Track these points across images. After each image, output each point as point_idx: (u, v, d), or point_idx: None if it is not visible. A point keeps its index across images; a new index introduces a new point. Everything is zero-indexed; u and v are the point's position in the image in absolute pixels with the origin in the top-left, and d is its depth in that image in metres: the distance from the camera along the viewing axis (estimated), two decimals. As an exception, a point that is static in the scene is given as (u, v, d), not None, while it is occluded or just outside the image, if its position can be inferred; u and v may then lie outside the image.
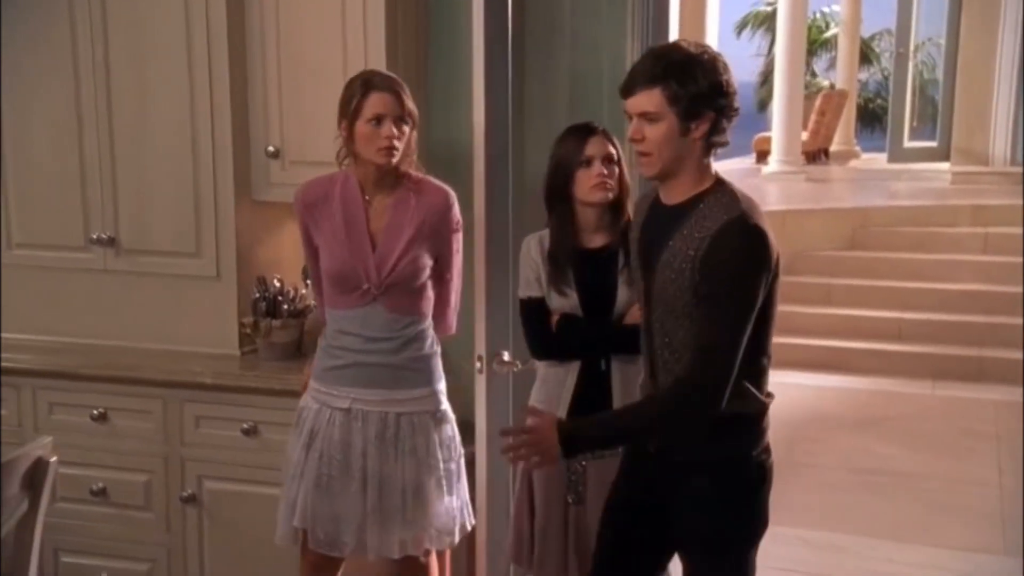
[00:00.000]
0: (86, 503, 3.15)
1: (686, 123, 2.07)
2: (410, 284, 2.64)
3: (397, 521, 2.64)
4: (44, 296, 3.34)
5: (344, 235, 2.61)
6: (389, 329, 2.63)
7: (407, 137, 2.62)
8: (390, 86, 2.61)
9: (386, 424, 2.64)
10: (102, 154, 3.20)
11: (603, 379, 2.68)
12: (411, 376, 2.67)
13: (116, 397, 3.11)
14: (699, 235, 2.08)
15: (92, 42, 3.15)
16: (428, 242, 2.65)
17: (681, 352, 2.15)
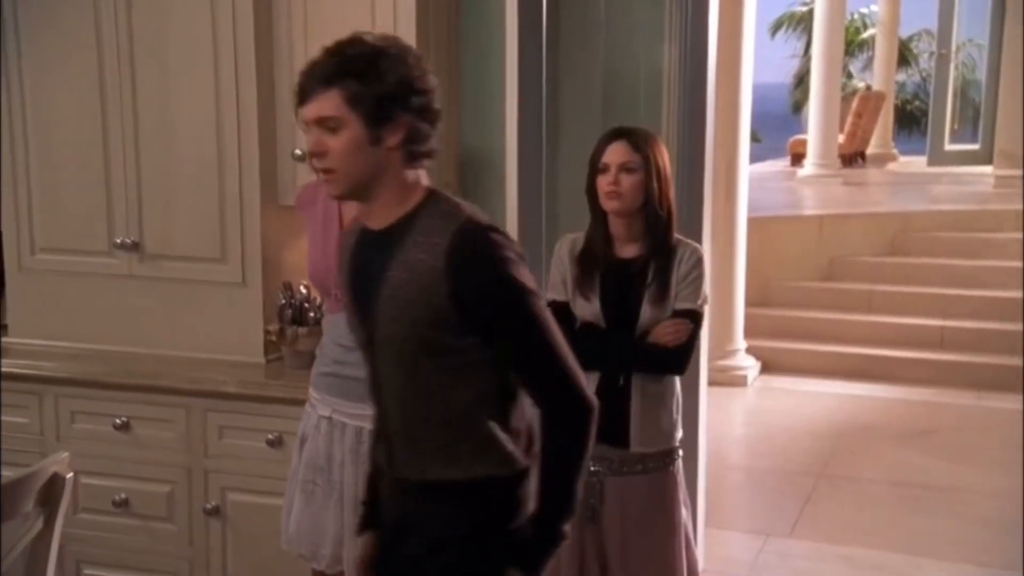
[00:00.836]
0: (108, 514, 3.09)
1: (375, 130, 1.73)
2: None
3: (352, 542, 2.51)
4: (68, 302, 3.29)
5: (321, 239, 2.57)
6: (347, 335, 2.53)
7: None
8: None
9: (360, 439, 2.51)
10: (127, 158, 3.15)
11: (621, 396, 2.58)
12: (342, 387, 2.53)
13: (139, 406, 3.04)
14: (428, 259, 1.71)
15: (118, 46, 3.10)
16: None
17: (414, 408, 1.81)
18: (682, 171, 3.39)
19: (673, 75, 3.39)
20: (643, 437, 2.59)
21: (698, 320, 2.58)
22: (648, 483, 2.62)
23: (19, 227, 3.30)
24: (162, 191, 3.14)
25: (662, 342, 2.54)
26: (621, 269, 2.58)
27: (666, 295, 2.55)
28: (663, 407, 2.61)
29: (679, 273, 2.56)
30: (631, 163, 2.54)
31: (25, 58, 3.20)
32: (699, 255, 2.60)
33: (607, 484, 2.60)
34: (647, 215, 2.55)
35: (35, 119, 3.23)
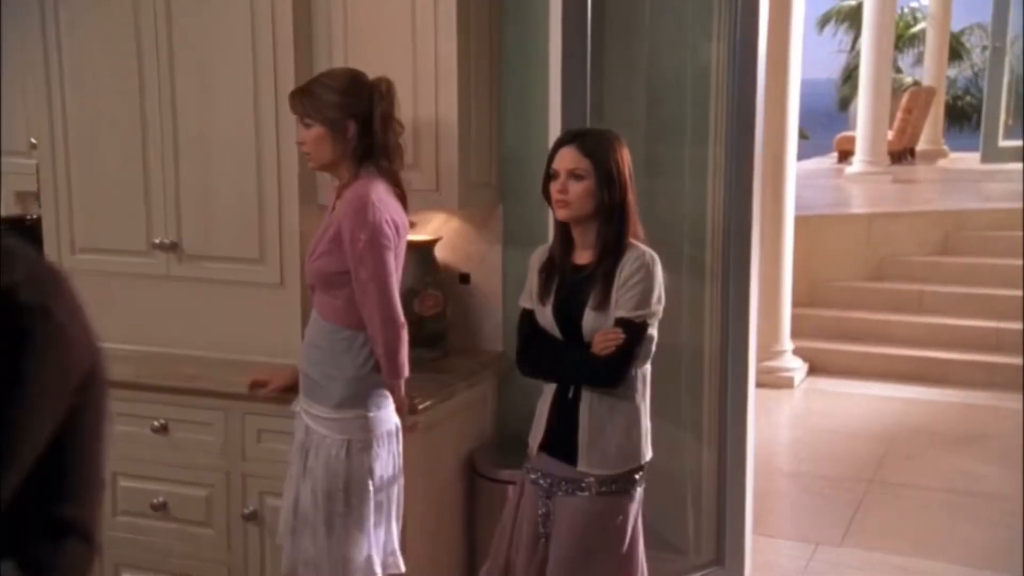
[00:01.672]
0: (147, 517, 3.06)
1: None
2: (319, 284, 2.59)
3: (292, 536, 2.62)
4: (107, 302, 3.25)
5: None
6: (315, 333, 2.60)
7: (311, 137, 2.55)
8: (295, 90, 2.61)
9: (306, 436, 2.61)
10: (166, 158, 3.13)
11: (571, 410, 2.47)
12: (317, 390, 2.59)
13: (177, 408, 3.01)
14: None
15: (157, 48, 3.09)
16: (335, 244, 2.53)
17: None
18: (730, 170, 3.31)
19: (722, 72, 3.31)
20: (590, 457, 2.45)
21: (636, 330, 2.38)
22: (592, 506, 2.46)
23: (59, 227, 3.29)
24: (200, 191, 3.11)
25: (595, 351, 2.40)
26: (575, 276, 2.47)
27: (607, 301, 2.39)
28: (613, 426, 2.45)
29: (620, 278, 2.39)
30: (579, 169, 2.40)
31: (66, 60, 3.19)
32: (644, 260, 2.40)
33: (557, 503, 2.50)
34: (601, 222, 2.42)
35: (76, 120, 3.22)
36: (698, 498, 3.65)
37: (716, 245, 3.40)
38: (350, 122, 2.53)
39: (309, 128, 2.55)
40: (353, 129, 2.53)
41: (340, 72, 2.64)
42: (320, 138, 2.54)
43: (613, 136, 2.49)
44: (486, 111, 3.14)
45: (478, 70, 3.08)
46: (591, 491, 2.45)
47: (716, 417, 3.53)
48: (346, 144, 2.54)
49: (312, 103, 2.54)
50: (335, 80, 2.57)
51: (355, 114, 2.53)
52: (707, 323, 3.52)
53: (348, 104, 2.53)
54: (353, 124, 2.53)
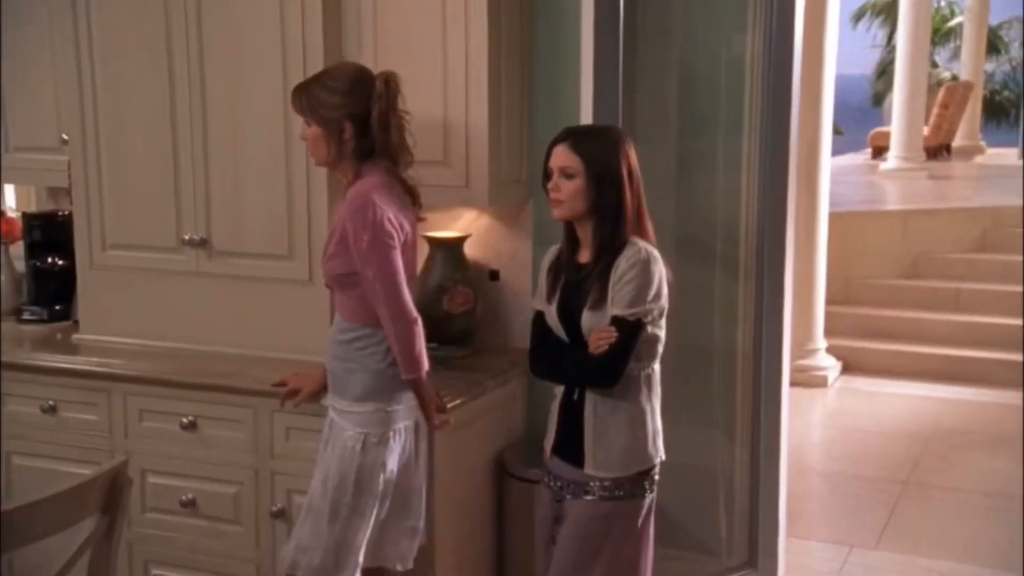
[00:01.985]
0: (176, 514, 3.06)
1: None
2: (334, 283, 2.60)
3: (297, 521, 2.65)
4: (137, 298, 3.27)
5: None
6: (340, 332, 2.61)
7: (311, 136, 2.55)
8: (297, 87, 2.59)
9: (330, 429, 2.62)
10: (195, 154, 3.12)
11: (576, 412, 2.45)
12: (337, 384, 2.61)
13: (206, 405, 3.00)
14: None
15: (187, 44, 3.07)
16: (342, 245, 2.53)
17: None
18: (764, 165, 3.26)
19: (756, 66, 3.26)
20: (595, 460, 2.42)
21: (630, 329, 2.33)
22: (597, 509, 2.44)
23: (90, 223, 3.29)
24: (230, 188, 3.10)
25: (589, 351, 2.37)
26: (577, 275, 2.44)
27: (603, 299, 2.36)
28: (616, 429, 2.42)
29: (615, 275, 2.36)
30: (570, 168, 2.38)
31: (97, 55, 3.19)
32: (640, 257, 2.35)
33: (565, 506, 2.48)
34: (596, 221, 2.39)
35: (107, 117, 3.21)
36: (731, 499, 3.60)
37: (750, 242, 3.36)
38: (346, 123, 2.50)
39: (308, 127, 2.56)
40: (350, 130, 2.50)
41: (341, 70, 2.59)
42: (317, 138, 2.54)
43: (614, 134, 2.46)
44: (516, 106, 3.11)
45: (509, 65, 3.04)
46: (596, 494, 2.43)
47: (749, 416, 3.49)
48: (343, 144, 2.52)
49: (309, 102, 2.52)
50: (334, 79, 2.54)
51: (351, 114, 2.49)
52: (740, 321, 3.47)
53: (344, 104, 2.49)
54: (349, 125, 2.50)
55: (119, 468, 1.96)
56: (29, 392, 3.21)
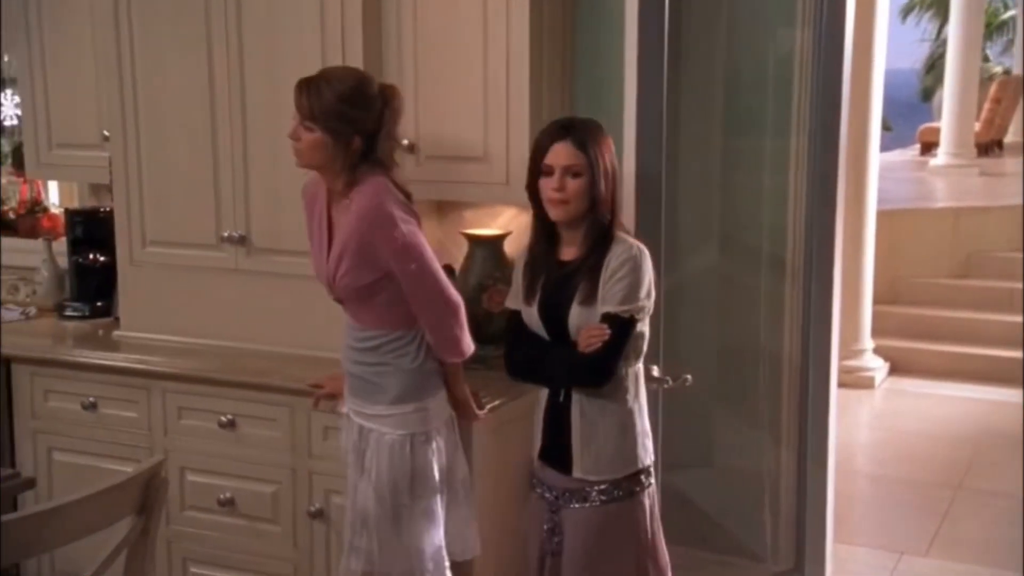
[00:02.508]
0: (214, 513, 3.04)
1: None
2: (355, 297, 2.49)
3: (348, 544, 2.55)
4: (177, 295, 3.26)
5: (316, 239, 2.59)
6: (355, 339, 2.55)
7: (309, 143, 2.44)
8: (306, 85, 2.46)
9: (362, 436, 2.54)
10: (234, 152, 3.10)
11: (563, 415, 2.38)
12: (371, 389, 2.52)
13: (244, 404, 2.98)
14: None
15: (227, 42, 3.06)
16: (359, 256, 2.43)
17: None
18: (813, 163, 3.18)
19: (806, 61, 3.18)
20: (584, 463, 2.37)
21: (623, 326, 2.29)
22: (594, 518, 2.39)
23: (130, 220, 3.29)
24: (269, 185, 3.08)
25: (580, 349, 2.31)
26: (561, 272, 2.38)
27: (593, 296, 2.31)
28: (605, 429, 2.37)
29: (607, 271, 2.31)
30: (576, 166, 2.31)
31: (138, 54, 3.18)
32: (633, 253, 2.32)
33: (563, 515, 2.42)
34: (592, 220, 2.34)
35: (146, 114, 3.21)
36: (777, 503, 3.53)
37: (798, 242, 3.28)
38: (356, 136, 2.43)
39: (310, 131, 2.43)
40: (358, 143, 2.44)
41: (354, 81, 2.48)
42: (318, 145, 2.43)
43: (597, 125, 2.42)
44: (558, 102, 3.05)
45: (551, 60, 2.99)
46: (595, 500, 2.38)
47: (796, 419, 3.41)
48: (347, 156, 2.45)
49: (321, 111, 2.41)
50: (347, 88, 2.44)
51: (361, 130, 2.44)
52: (787, 322, 3.40)
53: (359, 119, 2.43)
54: (359, 139, 2.44)
55: (155, 469, 1.94)
56: (70, 388, 3.22)
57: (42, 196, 4.09)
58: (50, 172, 3.74)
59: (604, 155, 2.34)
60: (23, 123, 3.63)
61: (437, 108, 2.94)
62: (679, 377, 2.91)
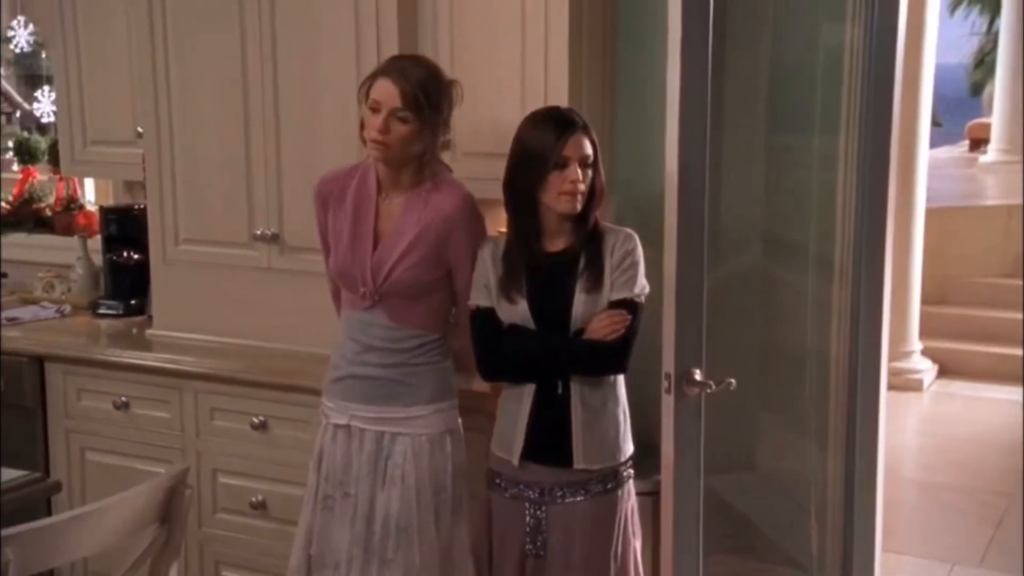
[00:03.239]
0: (246, 515, 3.01)
1: None
2: (409, 293, 2.40)
3: (376, 560, 2.40)
4: (210, 294, 3.23)
5: (350, 232, 2.44)
6: (387, 339, 2.43)
7: (404, 134, 2.34)
8: (401, 76, 2.34)
9: (380, 445, 2.42)
10: (267, 149, 3.06)
11: (561, 407, 2.30)
12: (404, 392, 2.42)
13: (276, 405, 2.95)
14: None
15: (261, 40, 3.03)
16: (433, 250, 2.38)
17: None
18: (863, 162, 3.07)
19: (856, 58, 3.06)
20: (586, 452, 2.33)
21: (637, 311, 2.32)
22: (591, 508, 2.36)
23: (163, 218, 3.26)
24: (302, 183, 3.01)
25: (598, 336, 2.27)
26: (550, 264, 2.33)
27: (600, 284, 2.30)
28: (607, 416, 2.36)
29: (613, 260, 2.31)
30: (591, 156, 2.30)
31: (171, 50, 3.16)
32: (634, 241, 2.35)
33: (550, 512, 2.35)
34: (585, 209, 2.31)
35: (180, 111, 3.18)
36: (822, 510, 3.41)
37: (846, 241, 3.17)
38: (443, 125, 2.43)
39: (403, 122, 2.34)
40: (442, 133, 2.43)
41: (431, 63, 2.48)
42: (412, 136, 2.35)
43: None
44: (598, 98, 2.97)
45: (591, 55, 2.91)
46: (594, 489, 2.35)
47: (843, 423, 3.30)
48: (432, 147, 2.41)
49: (428, 100, 2.34)
50: (436, 73, 2.42)
51: (447, 119, 2.44)
52: (835, 323, 3.28)
53: (450, 106, 2.43)
54: (443, 128, 2.43)
55: (179, 477, 1.88)
56: (103, 387, 3.20)
57: (78, 193, 4.07)
58: (85, 169, 3.72)
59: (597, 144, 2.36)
60: (58, 120, 3.61)
61: (474, 104, 2.82)
62: (722, 381, 2.81)
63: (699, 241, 2.70)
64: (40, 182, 4.17)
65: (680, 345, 2.47)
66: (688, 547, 2.58)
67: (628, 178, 3.05)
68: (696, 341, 2.52)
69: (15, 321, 3.53)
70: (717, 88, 2.97)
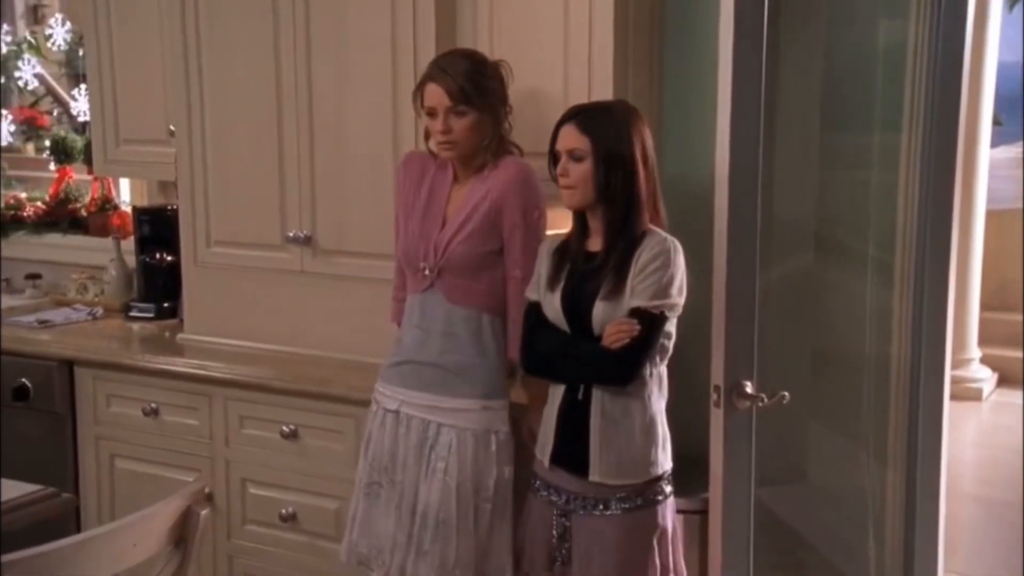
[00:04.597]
0: (276, 528, 2.92)
1: None
2: (464, 267, 2.38)
3: (413, 550, 2.37)
4: (241, 298, 3.15)
5: (421, 213, 2.48)
6: (446, 321, 2.43)
7: (466, 127, 2.38)
8: (444, 74, 2.39)
9: (427, 434, 2.39)
10: (301, 151, 2.98)
11: (580, 413, 2.22)
12: (456, 382, 2.38)
13: (307, 414, 2.86)
14: None
15: (294, 40, 2.95)
16: (486, 221, 2.37)
17: None
18: (927, 164, 2.92)
19: (920, 55, 2.91)
20: (603, 465, 2.23)
21: (653, 322, 2.19)
22: (612, 528, 2.24)
23: (195, 219, 3.19)
24: (336, 185, 2.96)
25: (606, 344, 2.18)
26: (586, 264, 2.27)
27: (620, 290, 2.20)
28: (628, 430, 2.23)
29: (637, 265, 2.21)
30: (578, 149, 2.21)
31: (204, 49, 3.09)
32: (665, 247, 2.22)
33: (574, 522, 2.26)
34: (606, 207, 2.23)
35: (212, 110, 3.11)
36: (881, 528, 3.26)
37: (908, 245, 3.01)
38: (501, 108, 2.43)
39: (462, 116, 2.37)
40: (502, 116, 2.44)
41: (472, 52, 2.51)
42: (475, 126, 2.39)
43: (625, 110, 2.31)
44: (645, 89, 2.85)
45: (637, 43, 2.79)
46: (616, 509, 2.23)
47: (904, 437, 3.15)
48: (496, 132, 2.42)
49: (474, 88, 2.39)
50: (479, 60, 2.45)
51: (504, 100, 2.45)
52: (896, 332, 3.13)
53: (498, 90, 2.44)
54: (502, 111, 2.44)
55: (194, 496, 1.77)
56: (132, 393, 3.14)
57: (113, 193, 4.01)
58: (117, 169, 3.65)
59: (619, 140, 2.23)
60: (91, 119, 3.54)
61: (516, 96, 2.71)
62: (775, 394, 2.67)
63: (751, 245, 2.57)
64: (76, 182, 4.11)
65: (730, 355, 2.35)
66: (738, 569, 2.45)
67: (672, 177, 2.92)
68: (747, 351, 2.40)
69: (47, 324, 3.47)
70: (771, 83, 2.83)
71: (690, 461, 2.43)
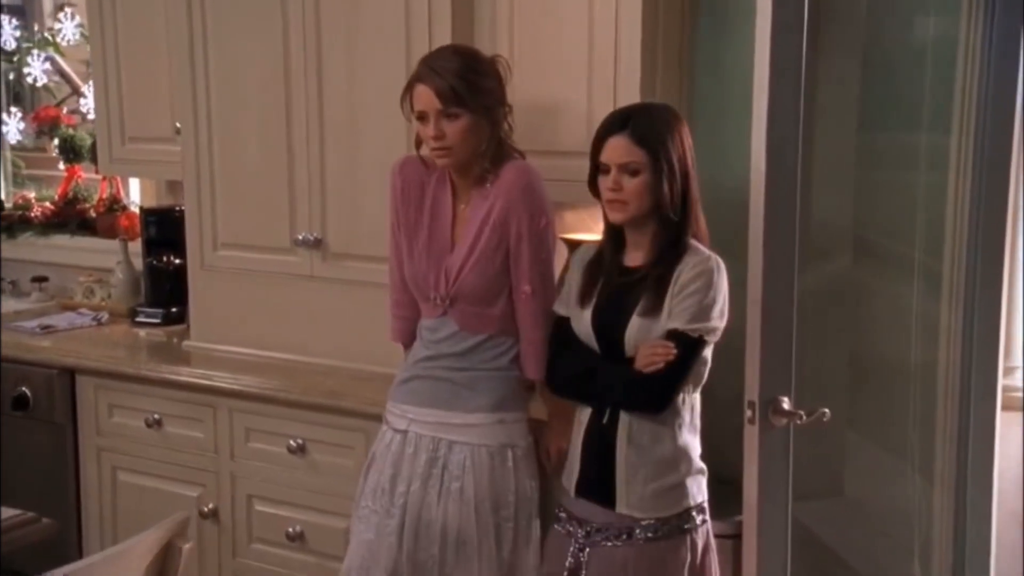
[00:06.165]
0: (283, 547, 2.80)
1: None
2: (477, 296, 2.23)
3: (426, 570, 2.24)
4: (247, 304, 3.04)
5: (426, 237, 2.33)
6: (457, 346, 2.32)
7: (459, 130, 2.21)
8: (433, 74, 2.22)
9: (437, 453, 2.26)
10: (311, 153, 2.87)
11: (607, 437, 2.13)
12: (468, 396, 2.29)
13: (315, 427, 2.73)
14: None
15: (305, 41, 2.85)
16: (495, 235, 2.23)
17: None
18: (979, 167, 2.77)
19: (973, 51, 2.75)
20: (630, 497, 2.11)
21: (690, 346, 2.06)
22: (635, 558, 2.10)
23: (202, 220, 3.08)
24: (347, 185, 2.84)
25: (639, 367, 2.06)
26: (622, 280, 2.15)
27: (658, 309, 2.08)
28: (659, 458, 2.11)
29: (677, 284, 2.08)
30: (634, 162, 2.07)
31: (212, 54, 3.00)
32: (708, 266, 2.09)
33: (594, 554, 2.11)
34: (659, 220, 2.10)
35: (219, 108, 3.01)
36: (928, 550, 3.11)
37: (957, 250, 2.85)
38: (500, 109, 2.28)
39: (454, 119, 2.20)
40: (499, 118, 2.27)
41: (465, 49, 2.35)
42: (469, 129, 2.23)
43: (668, 113, 2.17)
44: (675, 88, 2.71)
45: (666, 40, 2.65)
46: (640, 538, 2.09)
47: (953, 452, 3.00)
48: (493, 136, 2.26)
49: (466, 88, 2.22)
50: (471, 58, 2.28)
51: (501, 101, 2.29)
52: (943, 343, 2.98)
53: (500, 89, 2.28)
54: (499, 112, 2.29)
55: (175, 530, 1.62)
56: (134, 403, 3.04)
57: (121, 194, 3.89)
58: (123, 168, 3.54)
59: (672, 149, 2.10)
60: (96, 116, 3.43)
61: (534, 97, 2.62)
62: (814, 410, 2.51)
63: (789, 252, 2.42)
64: (86, 181, 4.00)
65: (766, 369, 2.21)
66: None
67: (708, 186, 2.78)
68: (784, 364, 2.26)
69: (50, 329, 3.35)
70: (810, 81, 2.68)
71: (721, 482, 2.28)
